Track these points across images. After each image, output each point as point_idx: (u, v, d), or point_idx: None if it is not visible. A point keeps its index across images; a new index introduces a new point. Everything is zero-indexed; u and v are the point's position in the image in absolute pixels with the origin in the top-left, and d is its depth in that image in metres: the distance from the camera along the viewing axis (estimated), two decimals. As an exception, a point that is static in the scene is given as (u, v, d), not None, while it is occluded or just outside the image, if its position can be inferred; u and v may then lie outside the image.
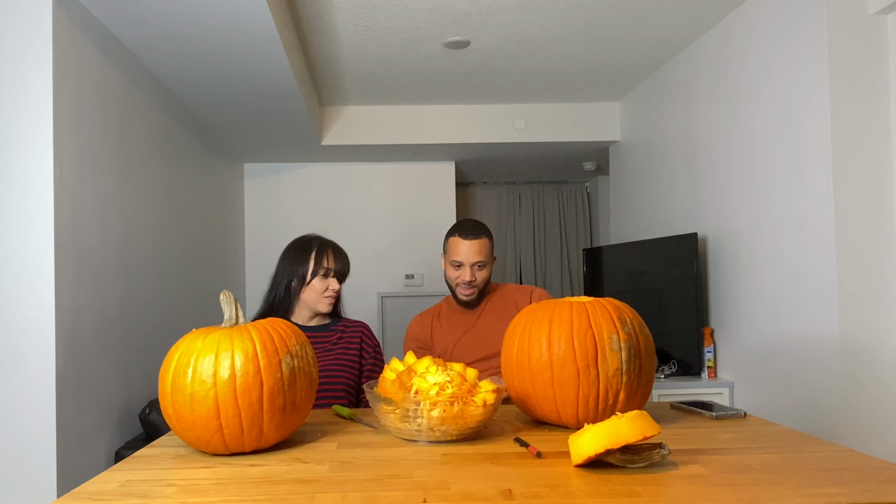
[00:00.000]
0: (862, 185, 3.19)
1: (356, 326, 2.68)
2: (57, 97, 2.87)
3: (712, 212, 4.37)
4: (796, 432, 1.70)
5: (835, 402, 3.24)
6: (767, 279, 3.75)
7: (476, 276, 2.75)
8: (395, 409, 1.62)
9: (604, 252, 5.74)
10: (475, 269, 2.75)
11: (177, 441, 1.70)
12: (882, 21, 3.21)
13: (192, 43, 3.55)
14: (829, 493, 1.22)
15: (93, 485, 1.34)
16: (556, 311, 1.74)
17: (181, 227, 4.64)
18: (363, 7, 3.93)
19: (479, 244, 2.73)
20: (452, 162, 7.07)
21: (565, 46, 4.65)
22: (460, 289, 2.78)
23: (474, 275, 2.75)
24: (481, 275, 2.77)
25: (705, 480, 1.30)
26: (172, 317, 4.35)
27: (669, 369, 4.47)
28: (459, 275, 2.75)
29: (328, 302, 2.58)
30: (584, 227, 8.67)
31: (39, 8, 2.83)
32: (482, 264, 2.75)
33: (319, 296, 2.56)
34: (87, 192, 3.15)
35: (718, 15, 4.16)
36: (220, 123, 5.20)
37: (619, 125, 6.12)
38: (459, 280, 2.76)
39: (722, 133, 4.23)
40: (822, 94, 3.29)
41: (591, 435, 1.34)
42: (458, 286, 2.78)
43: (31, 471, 2.81)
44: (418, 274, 6.95)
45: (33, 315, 2.81)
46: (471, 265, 2.73)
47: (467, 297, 2.78)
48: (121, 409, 3.51)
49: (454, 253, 2.75)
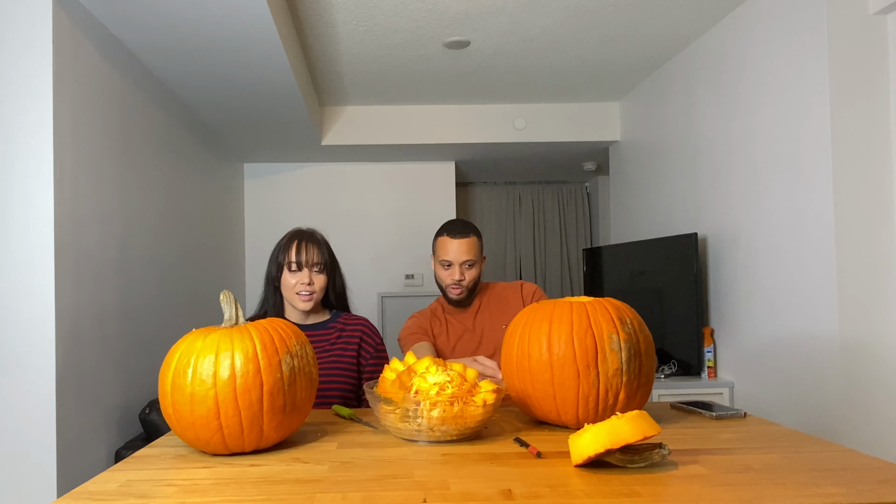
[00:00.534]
0: (862, 185, 3.19)
1: (356, 324, 2.57)
2: (57, 97, 2.87)
3: (712, 212, 4.37)
4: (796, 432, 1.70)
5: (835, 402, 3.24)
6: (767, 279, 3.75)
7: (465, 275, 2.75)
8: (395, 409, 1.61)
9: (604, 252, 5.74)
10: (464, 269, 2.74)
11: (177, 441, 1.70)
12: (882, 21, 3.21)
13: (192, 43, 3.55)
14: (829, 493, 1.22)
15: (93, 485, 1.34)
16: (556, 311, 1.74)
17: (181, 227, 4.63)
18: (363, 7, 3.93)
19: (468, 243, 2.73)
20: (452, 162, 7.07)
21: (565, 46, 4.65)
22: (450, 288, 2.77)
23: (464, 274, 2.74)
24: (471, 274, 2.76)
25: (705, 480, 1.30)
26: (172, 317, 4.35)
27: (669, 369, 4.48)
28: (449, 274, 2.74)
29: (302, 298, 2.44)
30: (584, 227, 8.67)
31: (39, 8, 2.83)
32: (471, 263, 2.75)
33: (291, 292, 2.44)
34: (86, 192, 3.15)
35: (718, 15, 4.16)
36: (220, 123, 5.20)
37: (619, 125, 6.12)
38: (449, 279, 2.75)
39: (722, 133, 4.23)
40: (822, 95, 3.29)
41: (592, 435, 1.34)
42: (448, 286, 2.77)
43: (31, 471, 2.81)
44: (418, 274, 6.95)
45: (33, 315, 2.81)
46: (460, 264, 2.73)
47: (457, 295, 2.77)
48: (121, 408, 3.51)
49: (443, 252, 2.75)
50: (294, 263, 2.43)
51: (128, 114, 3.66)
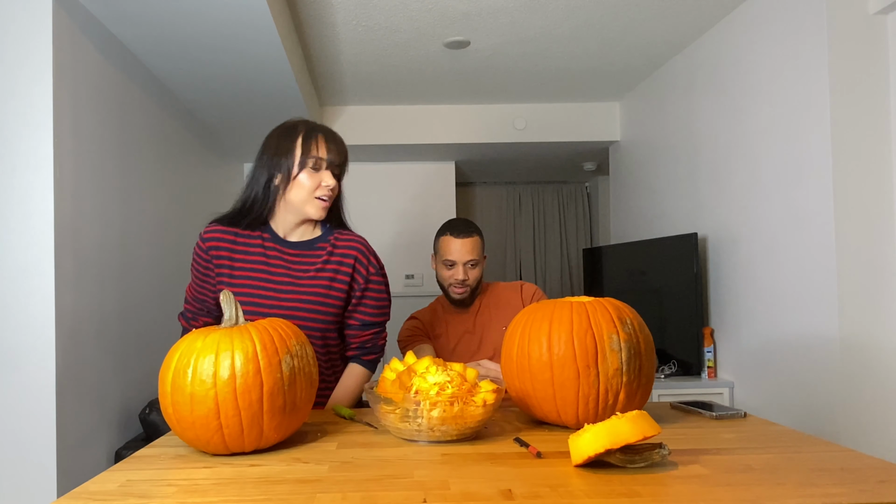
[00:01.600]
0: (862, 185, 3.18)
1: (350, 243, 2.14)
2: (57, 97, 2.87)
3: (712, 212, 4.37)
4: (796, 432, 1.70)
5: (835, 401, 3.23)
6: (767, 279, 3.75)
7: (469, 274, 2.75)
8: (395, 409, 1.61)
9: (604, 252, 5.74)
10: (468, 268, 2.75)
11: (177, 441, 1.70)
12: (882, 21, 3.21)
13: (192, 43, 3.55)
14: (829, 493, 1.22)
15: (93, 485, 1.33)
16: (556, 311, 1.74)
17: (181, 227, 4.63)
18: (363, 7, 3.93)
19: (471, 242, 2.73)
20: (452, 162, 7.07)
21: (565, 46, 4.65)
22: (453, 288, 2.78)
23: (467, 273, 2.74)
24: (474, 273, 2.76)
25: (705, 480, 1.30)
26: (172, 317, 4.35)
27: (669, 369, 4.47)
28: (452, 274, 2.75)
29: (320, 204, 2.05)
30: (584, 227, 8.67)
31: (39, 8, 2.83)
32: (474, 262, 2.75)
33: (309, 195, 2.03)
34: (86, 191, 3.15)
35: (718, 15, 4.16)
36: (220, 123, 5.20)
37: (619, 125, 6.12)
38: (452, 279, 2.76)
39: (722, 133, 4.23)
40: (821, 95, 3.29)
41: (592, 435, 1.34)
42: (451, 286, 2.78)
43: (32, 471, 2.81)
44: (418, 274, 6.95)
45: (33, 315, 2.81)
46: (463, 264, 2.73)
47: (460, 295, 2.78)
48: (121, 408, 3.51)
49: (446, 252, 2.75)
50: (322, 161, 2.03)
51: (128, 113, 3.66)
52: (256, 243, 2.10)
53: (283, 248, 2.11)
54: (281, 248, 2.11)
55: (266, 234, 2.12)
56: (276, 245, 2.11)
